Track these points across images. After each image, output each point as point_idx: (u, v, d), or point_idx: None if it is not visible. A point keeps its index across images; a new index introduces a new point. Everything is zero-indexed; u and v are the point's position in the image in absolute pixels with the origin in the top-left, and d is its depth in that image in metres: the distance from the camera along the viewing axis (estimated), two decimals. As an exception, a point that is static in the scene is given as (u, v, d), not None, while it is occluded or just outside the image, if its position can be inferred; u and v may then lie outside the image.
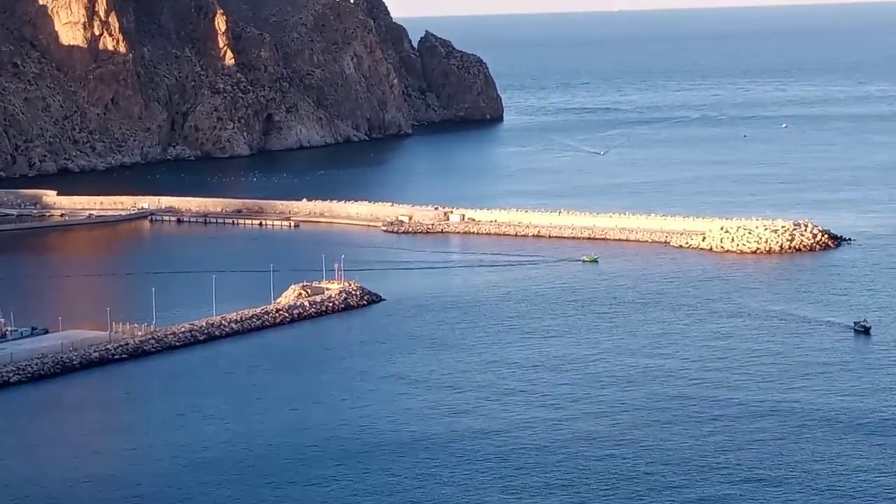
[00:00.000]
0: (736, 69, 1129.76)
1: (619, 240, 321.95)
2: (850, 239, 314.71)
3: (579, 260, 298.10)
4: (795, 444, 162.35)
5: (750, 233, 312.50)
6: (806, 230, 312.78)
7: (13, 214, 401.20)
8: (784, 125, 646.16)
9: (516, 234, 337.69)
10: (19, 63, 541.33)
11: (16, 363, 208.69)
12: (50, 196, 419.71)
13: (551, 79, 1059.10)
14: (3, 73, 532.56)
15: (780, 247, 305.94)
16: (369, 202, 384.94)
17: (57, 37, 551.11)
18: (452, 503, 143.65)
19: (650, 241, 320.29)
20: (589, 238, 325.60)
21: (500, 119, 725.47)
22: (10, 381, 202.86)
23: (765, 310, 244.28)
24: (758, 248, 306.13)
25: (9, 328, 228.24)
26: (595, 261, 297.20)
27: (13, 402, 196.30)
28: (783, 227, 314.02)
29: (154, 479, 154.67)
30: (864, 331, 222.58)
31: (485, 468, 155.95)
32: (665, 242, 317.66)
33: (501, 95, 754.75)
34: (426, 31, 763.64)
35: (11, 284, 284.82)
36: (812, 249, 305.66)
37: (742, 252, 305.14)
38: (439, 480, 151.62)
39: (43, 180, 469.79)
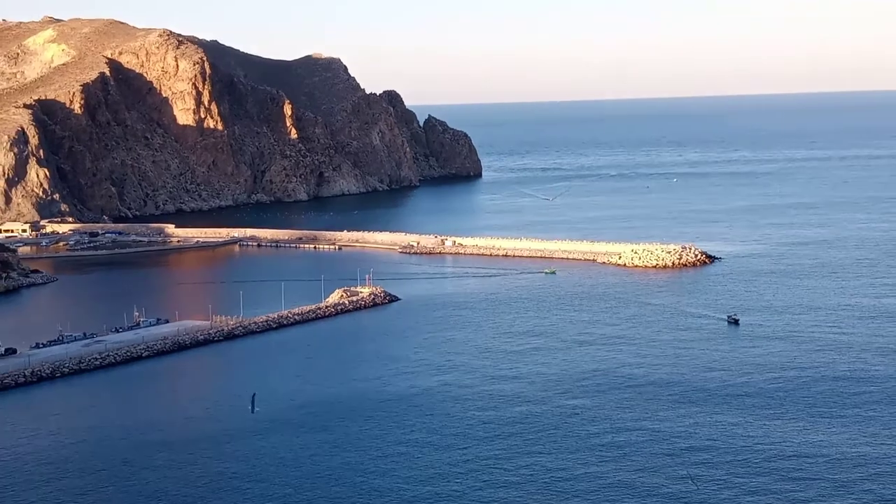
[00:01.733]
0: (642, 141, 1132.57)
1: (563, 258, 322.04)
2: (720, 258, 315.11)
3: (542, 272, 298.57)
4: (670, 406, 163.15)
5: (651, 253, 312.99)
6: (690, 251, 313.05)
7: (145, 241, 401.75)
8: (675, 179, 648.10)
9: (491, 255, 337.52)
10: (149, 137, 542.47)
11: (146, 343, 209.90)
12: (170, 228, 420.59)
13: (516, 147, 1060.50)
14: (138, 143, 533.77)
15: (672, 263, 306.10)
16: (389, 232, 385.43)
17: (175, 118, 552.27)
18: (445, 426, 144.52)
19: (583, 259, 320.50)
20: (542, 257, 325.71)
21: (480, 175, 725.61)
22: (143, 356, 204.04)
23: (662, 304, 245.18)
24: (657, 264, 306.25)
25: (142, 319, 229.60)
26: (554, 272, 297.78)
27: (147, 369, 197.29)
28: (674, 249, 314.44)
29: (260, 416, 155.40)
30: (734, 322, 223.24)
31: (467, 407, 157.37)
32: (593, 260, 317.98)
33: (481, 159, 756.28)
34: (429, 115, 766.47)
35: (144, 289, 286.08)
36: (695, 265, 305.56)
37: (646, 266, 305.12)
38: (436, 414, 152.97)
39: (165, 217, 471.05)
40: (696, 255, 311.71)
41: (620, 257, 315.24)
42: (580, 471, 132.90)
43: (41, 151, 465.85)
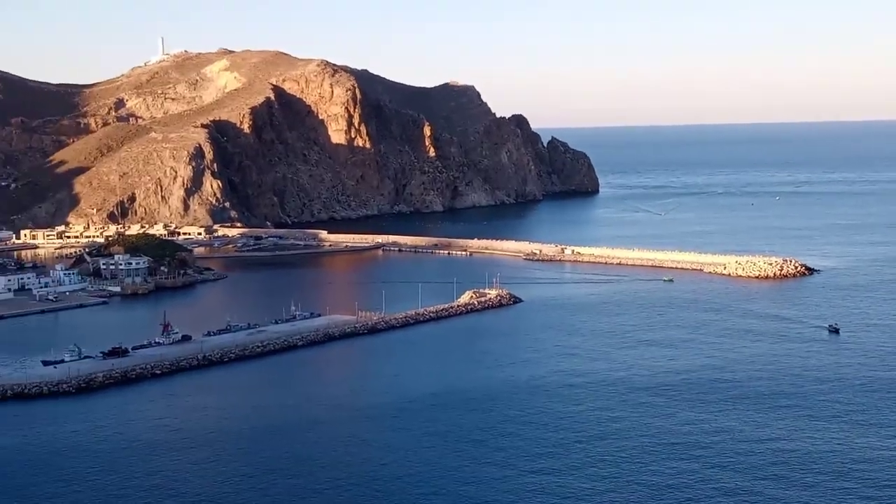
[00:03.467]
0: (746, 163, 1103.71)
1: (672, 268, 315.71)
2: (819, 270, 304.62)
3: (658, 280, 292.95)
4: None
5: (754, 264, 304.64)
6: (790, 263, 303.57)
7: (301, 244, 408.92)
8: (777, 197, 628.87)
9: (606, 263, 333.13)
10: (307, 154, 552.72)
11: (301, 334, 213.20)
12: (323, 234, 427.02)
13: (631, 167, 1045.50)
14: (297, 159, 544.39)
15: (774, 274, 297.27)
16: (515, 241, 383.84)
17: (329, 138, 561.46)
18: (564, 410, 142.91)
19: (691, 269, 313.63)
20: (652, 266, 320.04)
21: (597, 191, 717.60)
22: (297, 345, 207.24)
23: (765, 313, 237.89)
24: (759, 275, 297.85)
25: (297, 312, 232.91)
26: (671, 280, 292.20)
27: (301, 356, 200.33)
28: (775, 261, 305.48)
29: (396, 401, 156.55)
30: (834, 331, 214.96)
31: (582, 398, 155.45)
32: (700, 270, 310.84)
33: (599, 177, 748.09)
34: (552, 136, 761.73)
35: (300, 286, 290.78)
36: (794, 276, 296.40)
37: (749, 277, 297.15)
38: (564, 400, 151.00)
39: (319, 224, 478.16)
40: (797, 267, 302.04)
41: (725, 268, 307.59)
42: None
43: (215, 165, 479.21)
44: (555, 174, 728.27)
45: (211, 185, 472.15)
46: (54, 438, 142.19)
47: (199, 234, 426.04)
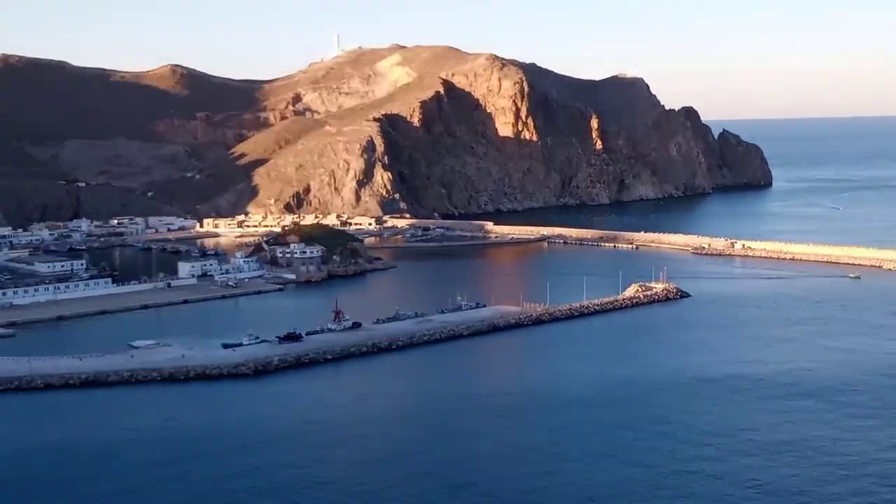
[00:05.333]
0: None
1: (848, 264, 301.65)
2: None
3: (840, 276, 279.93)
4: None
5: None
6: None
7: (468, 235, 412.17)
8: None
9: (779, 258, 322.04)
10: (474, 147, 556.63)
11: (467, 324, 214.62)
12: (489, 225, 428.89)
13: (805, 159, 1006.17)
14: (465, 152, 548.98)
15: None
16: (683, 234, 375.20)
17: (497, 131, 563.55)
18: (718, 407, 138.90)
19: (869, 265, 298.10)
20: (828, 262, 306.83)
21: (770, 185, 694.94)
22: (463, 334, 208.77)
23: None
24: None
25: (463, 302, 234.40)
26: (858, 277, 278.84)
27: (466, 346, 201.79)
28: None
29: (562, 393, 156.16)
30: None
31: (750, 397, 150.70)
32: (879, 266, 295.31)
33: (772, 170, 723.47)
34: (723, 129, 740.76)
35: (465, 277, 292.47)
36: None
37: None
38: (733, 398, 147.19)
39: (486, 216, 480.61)
40: None
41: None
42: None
43: (386, 158, 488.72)
44: (725, 167, 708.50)
45: (382, 177, 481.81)
46: (234, 418, 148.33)
47: (370, 224, 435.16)
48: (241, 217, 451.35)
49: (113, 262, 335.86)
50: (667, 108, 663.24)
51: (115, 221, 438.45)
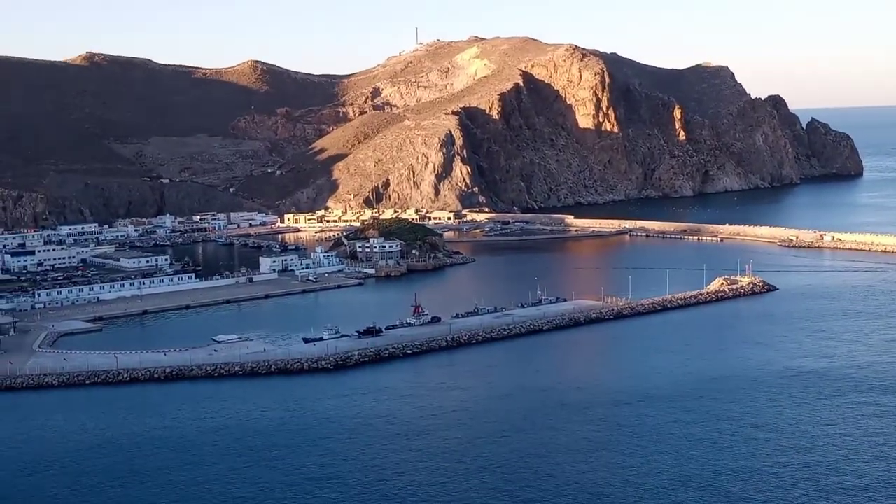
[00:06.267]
0: None
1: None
2: None
3: None
4: None
5: None
6: None
7: (548, 229, 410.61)
8: None
9: (870, 250, 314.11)
10: (554, 139, 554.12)
11: (547, 319, 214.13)
12: (569, 219, 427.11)
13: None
14: (544, 144, 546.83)
15: None
16: (769, 227, 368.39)
17: (577, 123, 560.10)
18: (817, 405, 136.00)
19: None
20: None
21: (860, 174, 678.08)
22: (543, 329, 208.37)
23: None
24: None
25: (543, 297, 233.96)
26: None
27: (546, 340, 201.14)
28: None
29: (646, 388, 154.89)
30: None
31: (828, 391, 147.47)
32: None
33: (862, 159, 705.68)
34: (812, 118, 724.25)
35: (545, 270, 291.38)
36: None
37: None
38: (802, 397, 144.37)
39: (565, 209, 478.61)
40: None
41: None
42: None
43: (465, 151, 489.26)
44: (814, 157, 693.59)
45: (460, 171, 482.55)
46: (315, 411, 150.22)
47: (449, 218, 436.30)
48: (320, 212, 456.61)
49: (196, 258, 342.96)
50: (753, 96, 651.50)
51: (198, 217, 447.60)
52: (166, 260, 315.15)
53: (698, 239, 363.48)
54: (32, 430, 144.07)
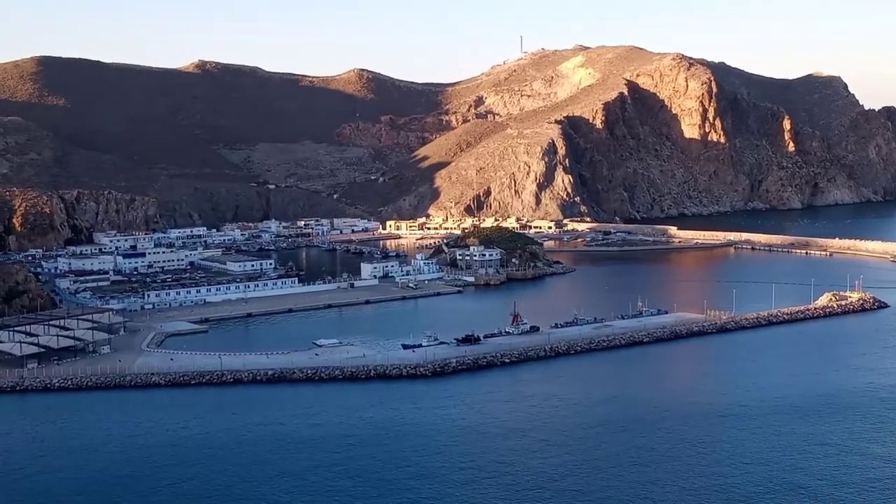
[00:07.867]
0: None
1: None
2: None
3: None
4: None
5: None
6: None
7: (650, 240, 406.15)
8: None
9: None
10: (658, 149, 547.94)
11: (647, 331, 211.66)
12: (672, 230, 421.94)
13: None
14: (648, 154, 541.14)
15: None
16: (882, 241, 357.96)
17: (682, 133, 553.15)
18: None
19: None
20: None
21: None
22: (643, 341, 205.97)
23: None
24: None
25: (644, 308, 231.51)
26: None
27: (647, 353, 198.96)
28: None
29: (743, 404, 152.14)
30: None
31: None
32: None
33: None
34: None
35: (647, 282, 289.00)
36: None
37: None
38: None
39: (668, 220, 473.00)
40: None
41: None
42: None
43: (567, 160, 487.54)
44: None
45: (562, 180, 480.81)
46: (413, 417, 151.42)
47: (550, 227, 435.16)
48: (422, 219, 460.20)
49: (299, 263, 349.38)
50: (866, 108, 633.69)
51: (302, 223, 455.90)
52: (271, 264, 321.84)
53: (806, 253, 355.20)
54: (139, 427, 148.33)
